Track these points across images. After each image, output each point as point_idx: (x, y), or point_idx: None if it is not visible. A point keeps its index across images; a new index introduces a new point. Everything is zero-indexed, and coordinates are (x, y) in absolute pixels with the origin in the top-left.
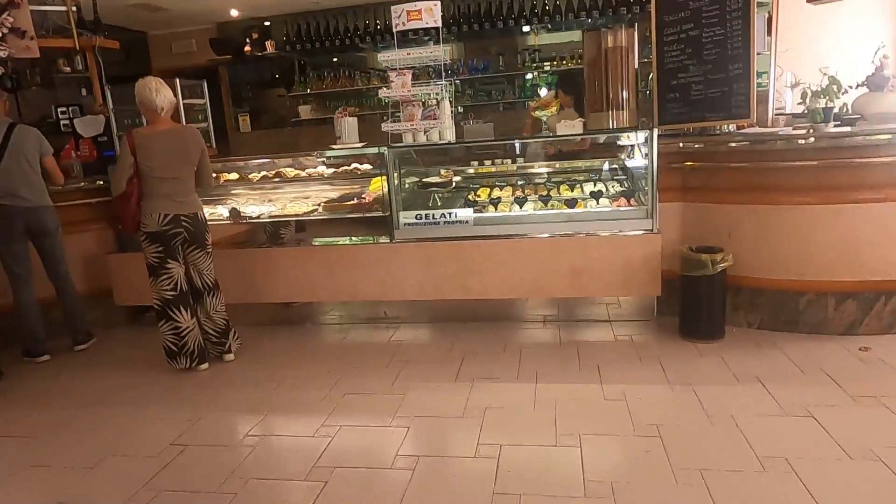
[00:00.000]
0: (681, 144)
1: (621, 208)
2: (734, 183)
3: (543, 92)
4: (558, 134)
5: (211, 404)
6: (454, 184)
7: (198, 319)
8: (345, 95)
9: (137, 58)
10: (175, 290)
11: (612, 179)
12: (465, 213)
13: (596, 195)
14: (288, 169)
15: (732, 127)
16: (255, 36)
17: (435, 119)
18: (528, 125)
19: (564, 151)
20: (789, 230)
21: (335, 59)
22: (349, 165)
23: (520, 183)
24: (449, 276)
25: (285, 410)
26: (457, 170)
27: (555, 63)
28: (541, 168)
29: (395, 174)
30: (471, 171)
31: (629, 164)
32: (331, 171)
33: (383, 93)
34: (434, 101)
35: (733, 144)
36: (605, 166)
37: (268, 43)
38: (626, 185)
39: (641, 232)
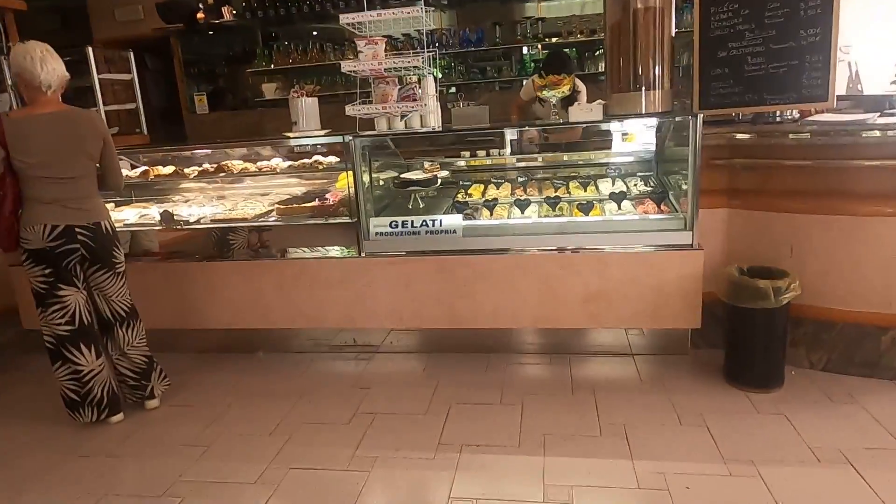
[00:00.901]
0: (739, 136)
1: (650, 216)
2: (799, 185)
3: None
4: (572, 121)
5: (112, 485)
6: (439, 181)
7: (108, 359)
8: (316, 71)
9: (76, 26)
10: (72, 323)
11: (636, 177)
12: (453, 221)
13: (617, 198)
14: (235, 162)
15: (795, 113)
16: (209, 1)
17: (415, 101)
18: (515, 109)
19: (576, 141)
20: (872, 248)
21: (304, 29)
22: (311, 158)
23: (521, 180)
24: (432, 299)
25: (209, 495)
26: (444, 162)
27: (562, 36)
28: (547, 162)
29: (365, 170)
30: (462, 163)
31: (660, 158)
32: (290, 164)
33: (347, 66)
34: (414, 79)
35: (800, 136)
36: (629, 159)
37: (224, 9)
38: (652, 183)
39: (676, 246)
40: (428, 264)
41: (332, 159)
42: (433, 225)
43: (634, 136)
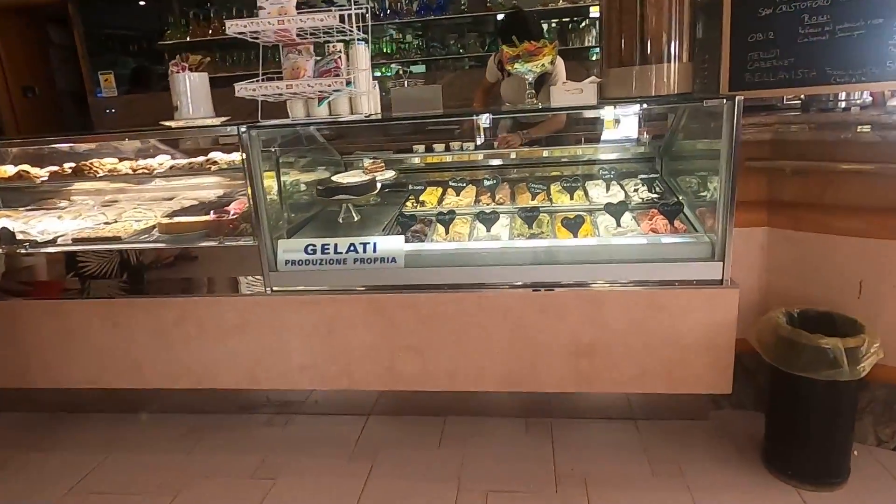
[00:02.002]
0: (784, 128)
1: (663, 238)
2: (871, 198)
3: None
4: (555, 106)
5: None
6: (379, 185)
7: None
8: (246, 45)
9: None
10: None
11: (637, 179)
12: (392, 246)
13: (615, 210)
14: (106, 161)
15: (867, 97)
16: None
17: (337, 77)
18: (480, 95)
19: (561, 133)
20: None
21: None
22: (207, 155)
23: (487, 183)
24: (364, 352)
25: None
26: (393, 159)
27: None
28: (522, 158)
29: (270, 171)
30: (416, 160)
31: (667, 154)
32: (176, 163)
33: (234, 25)
34: (339, 47)
35: (872, 130)
36: (625, 155)
37: None
38: (658, 188)
39: (700, 283)
40: (358, 305)
41: (238, 157)
42: (364, 250)
43: (634, 126)
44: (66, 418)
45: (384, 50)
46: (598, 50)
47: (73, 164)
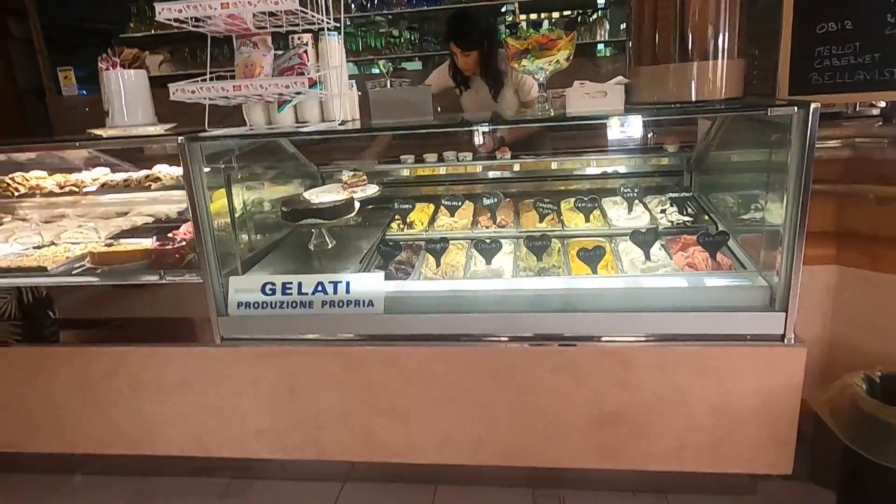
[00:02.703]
0: (860, 141)
1: (708, 278)
2: None
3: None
4: (571, 113)
5: None
6: (357, 205)
7: None
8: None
9: None
10: None
11: (664, 198)
12: (369, 286)
13: (642, 240)
14: (32, 175)
15: None
16: None
17: (301, 75)
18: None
19: (576, 142)
20: None
21: None
22: (151, 169)
23: (487, 201)
24: (336, 416)
25: None
26: (377, 171)
27: None
28: (526, 171)
29: (218, 189)
30: (404, 172)
31: (699, 167)
32: (115, 177)
33: (165, 10)
34: (304, 39)
35: None
36: (646, 167)
37: None
38: (691, 210)
39: (755, 338)
40: (327, 360)
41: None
42: (335, 291)
43: (658, 133)
44: None
45: (372, 44)
46: (608, 47)
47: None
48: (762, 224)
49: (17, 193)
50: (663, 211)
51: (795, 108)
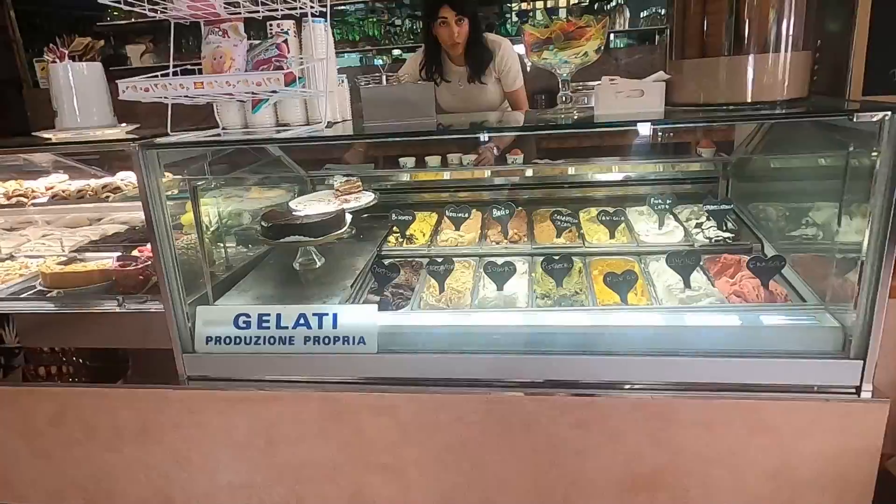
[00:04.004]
0: None
1: (764, 315)
2: None
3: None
4: (601, 117)
5: None
6: (349, 218)
7: None
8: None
9: None
10: None
11: (698, 209)
12: (360, 320)
13: (680, 264)
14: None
15: None
16: None
17: (279, 70)
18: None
19: (594, 143)
20: None
21: None
22: (113, 177)
23: (498, 213)
24: (321, 471)
25: None
26: (373, 175)
27: None
28: (540, 178)
29: (180, 201)
30: (404, 177)
31: (737, 173)
32: (69, 186)
33: None
34: (285, 27)
35: None
36: (673, 171)
37: None
38: (730, 224)
39: (822, 390)
40: (310, 406)
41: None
42: (320, 325)
43: (691, 135)
44: None
45: (370, 33)
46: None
47: None
48: (830, 245)
49: None
50: (699, 225)
51: (889, 112)
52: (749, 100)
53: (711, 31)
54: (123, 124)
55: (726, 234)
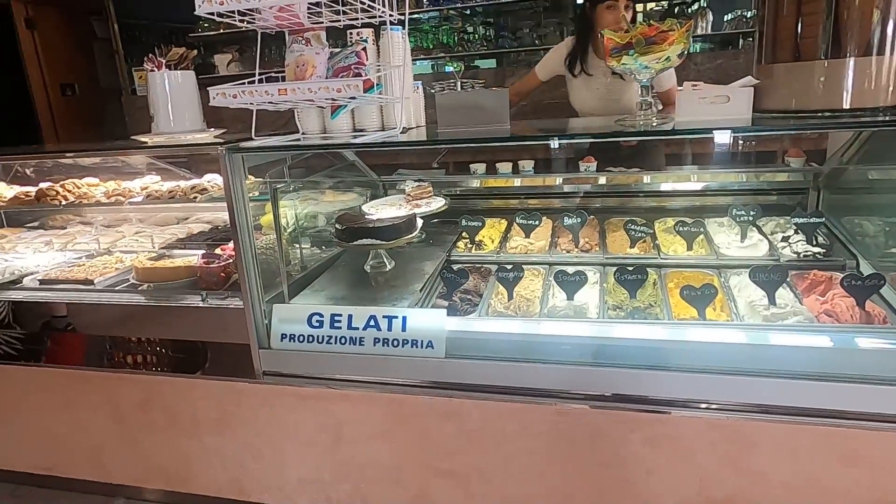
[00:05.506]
0: None
1: (860, 336)
2: None
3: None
4: (681, 123)
5: None
6: (420, 223)
7: None
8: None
9: None
10: None
11: (786, 221)
12: (428, 324)
13: (767, 280)
14: (84, 182)
15: None
16: None
17: (358, 77)
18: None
19: (671, 150)
20: None
21: None
22: (200, 179)
23: (569, 221)
24: (384, 472)
25: None
26: (445, 181)
27: None
28: (612, 185)
29: (261, 202)
30: (475, 183)
31: (830, 184)
32: (160, 187)
33: (205, 2)
34: (363, 35)
35: None
36: (757, 181)
37: None
38: (821, 238)
39: None
40: (377, 407)
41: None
42: (389, 327)
43: (777, 143)
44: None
45: (443, 40)
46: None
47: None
48: None
49: (63, 203)
50: (785, 238)
51: None
52: (847, 106)
53: (806, 34)
54: (211, 129)
55: (816, 249)
